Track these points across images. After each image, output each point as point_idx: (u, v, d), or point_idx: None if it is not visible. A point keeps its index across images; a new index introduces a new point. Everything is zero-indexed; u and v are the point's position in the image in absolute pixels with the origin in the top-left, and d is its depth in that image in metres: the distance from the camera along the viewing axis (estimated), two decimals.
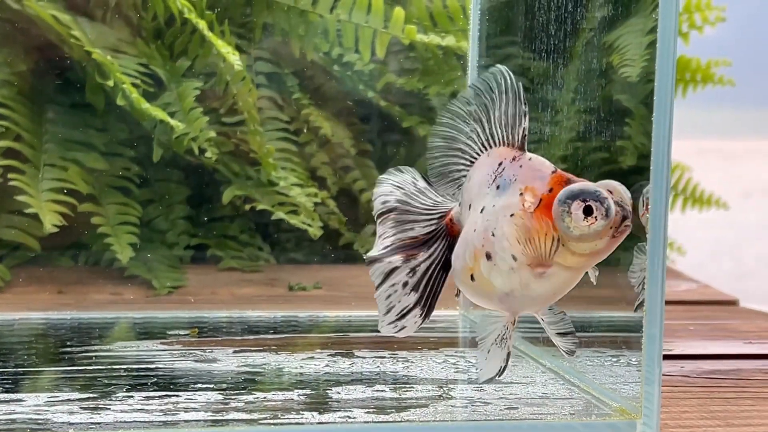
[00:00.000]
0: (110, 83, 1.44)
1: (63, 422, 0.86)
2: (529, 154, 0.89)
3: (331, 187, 1.71)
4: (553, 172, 0.87)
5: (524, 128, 0.89)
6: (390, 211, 0.97)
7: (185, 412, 0.90)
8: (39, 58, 1.54)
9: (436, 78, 1.74)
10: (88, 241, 1.51)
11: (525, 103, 0.89)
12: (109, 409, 0.90)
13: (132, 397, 0.94)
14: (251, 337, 1.21)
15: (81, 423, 0.86)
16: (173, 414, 0.89)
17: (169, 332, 1.21)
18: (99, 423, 0.87)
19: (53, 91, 1.56)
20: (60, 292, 1.41)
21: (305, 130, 1.70)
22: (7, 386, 0.96)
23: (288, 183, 1.58)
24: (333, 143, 1.73)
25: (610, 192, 0.84)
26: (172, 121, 1.43)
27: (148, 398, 0.93)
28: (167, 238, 1.57)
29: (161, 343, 1.15)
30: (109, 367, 1.05)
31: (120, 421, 0.87)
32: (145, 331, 1.24)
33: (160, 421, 0.88)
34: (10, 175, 1.42)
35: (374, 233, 1.00)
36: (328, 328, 1.32)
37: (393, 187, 0.98)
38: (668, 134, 0.94)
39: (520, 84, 0.90)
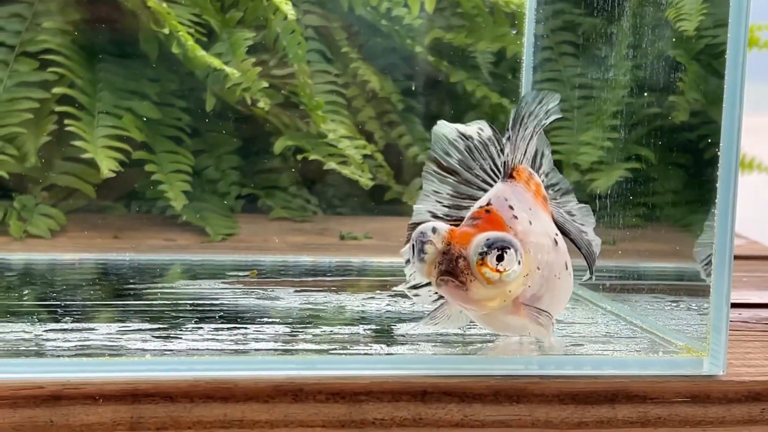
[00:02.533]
0: (165, 31, 1.45)
1: (137, 348, 0.88)
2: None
3: (378, 141, 1.71)
4: (483, 206, 0.84)
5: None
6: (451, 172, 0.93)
7: (255, 342, 0.91)
8: (92, 6, 1.55)
9: (484, 34, 1.74)
10: (141, 189, 1.52)
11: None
12: (181, 338, 0.92)
13: (201, 328, 0.95)
14: (309, 278, 1.22)
15: (155, 349, 0.88)
16: (244, 343, 0.91)
17: (228, 273, 1.22)
18: (172, 350, 0.88)
19: (106, 40, 1.57)
20: (115, 237, 1.43)
21: (352, 85, 1.71)
22: (78, 317, 0.98)
23: (337, 135, 1.58)
24: (380, 98, 1.73)
25: (450, 244, 0.80)
26: (228, 69, 1.44)
27: (217, 329, 0.95)
28: (218, 188, 1.58)
29: (222, 283, 1.16)
30: (174, 302, 1.06)
31: (193, 349, 0.88)
32: (205, 272, 1.26)
33: (231, 350, 0.89)
34: (66, 121, 1.44)
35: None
36: (383, 273, 1.33)
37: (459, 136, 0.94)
38: (740, 89, 0.93)
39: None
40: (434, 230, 0.80)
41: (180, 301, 1.06)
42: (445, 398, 0.85)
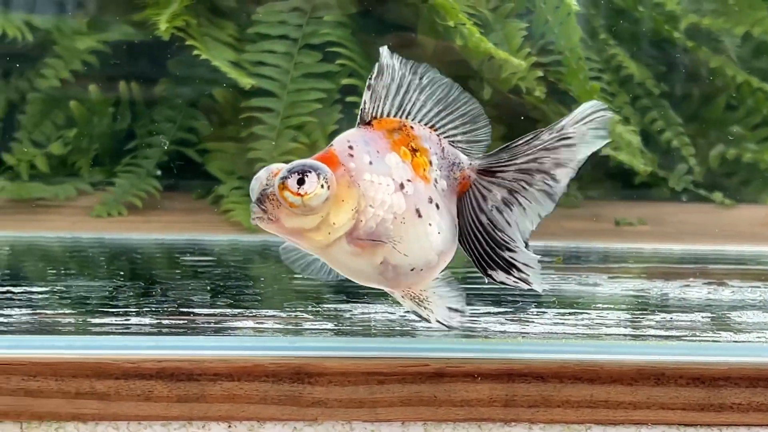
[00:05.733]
0: (450, 23, 1.51)
1: (498, 330, 0.94)
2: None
3: (634, 126, 1.73)
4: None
5: None
6: None
7: (606, 327, 0.96)
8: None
9: (742, 18, 1.73)
10: None
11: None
12: (533, 322, 0.97)
13: (545, 312, 1.01)
14: (614, 265, 1.26)
15: (515, 332, 0.94)
16: (594, 328, 0.96)
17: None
18: (528, 333, 0.94)
19: (382, 31, 1.64)
20: None
21: (607, 70, 1.73)
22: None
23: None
24: (634, 83, 1.75)
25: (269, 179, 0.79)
26: (515, 60, 1.49)
27: (561, 314, 1.00)
28: None
29: None
30: (503, 285, 1.12)
31: (549, 332, 0.94)
32: None
33: (584, 334, 0.94)
34: (356, 111, 1.52)
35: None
36: (677, 260, 1.35)
37: None
38: None
39: None
40: (267, 170, 0.81)
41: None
42: None
